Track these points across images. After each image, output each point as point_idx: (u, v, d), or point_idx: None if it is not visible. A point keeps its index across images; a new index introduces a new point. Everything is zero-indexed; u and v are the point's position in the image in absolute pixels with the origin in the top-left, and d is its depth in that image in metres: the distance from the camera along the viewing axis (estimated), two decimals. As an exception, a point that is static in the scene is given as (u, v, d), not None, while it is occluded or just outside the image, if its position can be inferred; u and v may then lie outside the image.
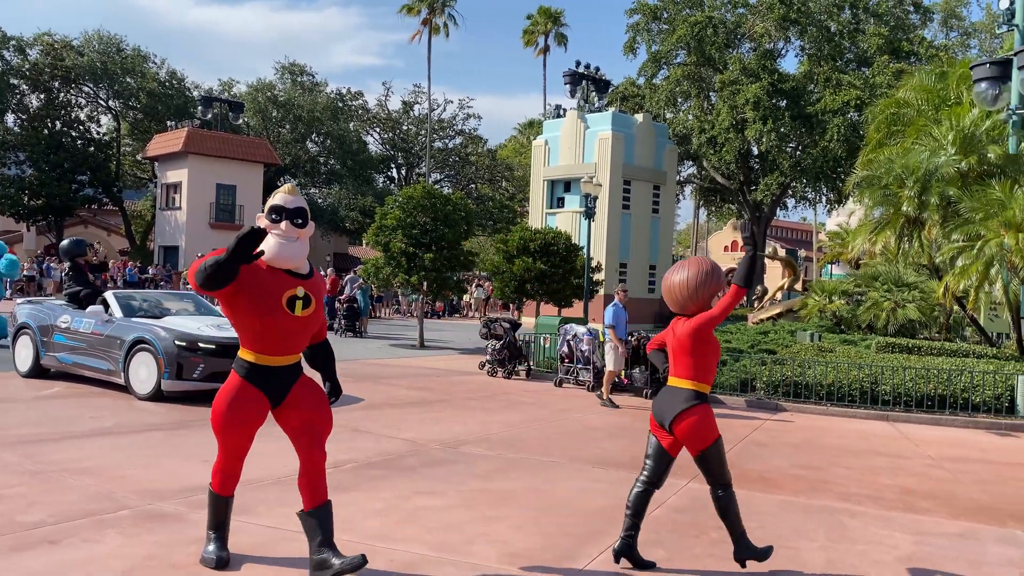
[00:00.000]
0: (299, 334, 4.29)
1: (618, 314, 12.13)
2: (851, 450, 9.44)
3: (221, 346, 10.00)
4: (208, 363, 9.95)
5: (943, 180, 13.52)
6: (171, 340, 9.93)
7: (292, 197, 4.22)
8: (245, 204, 41.34)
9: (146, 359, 10.00)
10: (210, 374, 9.93)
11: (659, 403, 4.89)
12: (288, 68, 52.75)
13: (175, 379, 9.85)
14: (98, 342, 10.66)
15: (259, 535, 5.19)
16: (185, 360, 9.89)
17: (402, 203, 19.01)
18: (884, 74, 32.95)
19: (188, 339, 10.00)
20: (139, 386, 10.09)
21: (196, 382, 9.97)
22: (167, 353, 9.82)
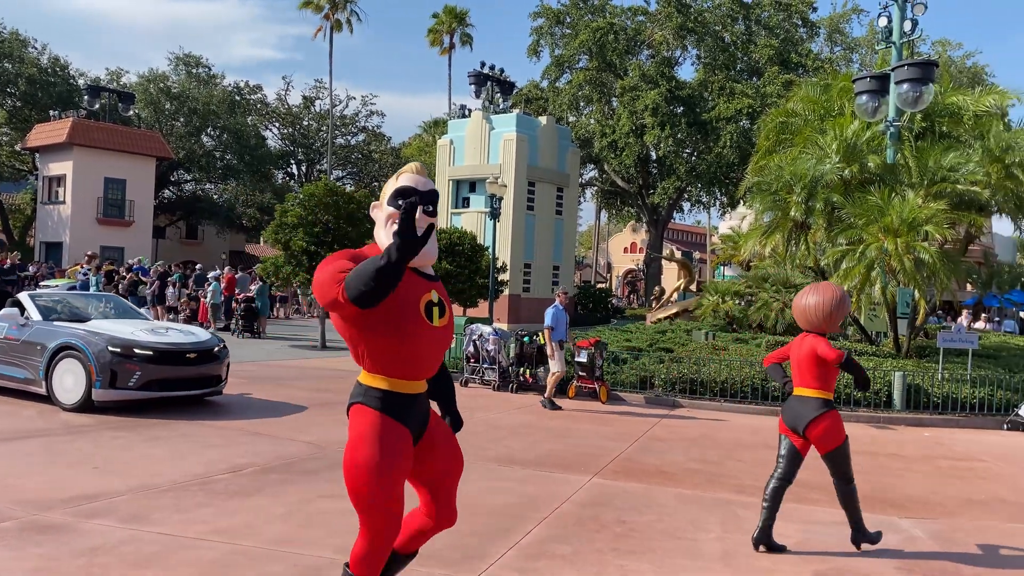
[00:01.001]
0: (438, 350, 3.39)
1: (558, 316, 12.14)
2: (744, 444, 9.85)
3: (159, 352, 9.46)
4: (145, 371, 9.33)
5: (828, 187, 14.26)
6: (104, 346, 9.26)
7: (423, 178, 3.36)
8: (136, 199, 39.55)
9: (73, 366, 9.29)
10: (147, 382, 9.34)
11: (790, 410, 5.64)
12: (182, 59, 50.74)
13: (108, 388, 9.17)
14: (12, 348, 9.81)
15: (155, 544, 4.99)
16: (120, 367, 9.21)
17: (303, 200, 18.63)
18: (774, 84, 34.46)
19: (123, 344, 9.33)
20: (65, 396, 9.33)
21: (132, 391, 9.32)
22: (99, 360, 9.14)
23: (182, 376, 9.72)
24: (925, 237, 13.29)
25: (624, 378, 13.41)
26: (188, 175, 51.48)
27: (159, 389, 9.51)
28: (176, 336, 10.06)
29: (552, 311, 12.20)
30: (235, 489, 6.39)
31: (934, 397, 12.52)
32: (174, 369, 9.60)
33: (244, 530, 5.36)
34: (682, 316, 25.21)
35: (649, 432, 10.35)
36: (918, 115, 14.98)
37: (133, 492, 6.11)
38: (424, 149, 54.20)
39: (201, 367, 9.90)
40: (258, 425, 9.19)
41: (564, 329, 12.25)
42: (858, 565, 5.39)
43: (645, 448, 9.23)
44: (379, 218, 3.33)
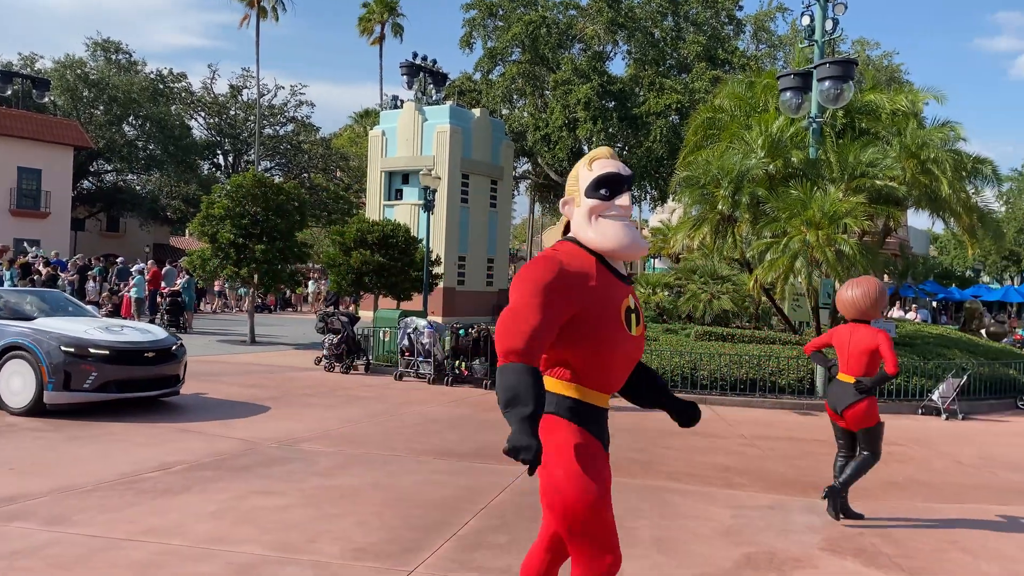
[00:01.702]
0: (632, 362, 3.03)
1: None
2: (675, 432, 10.06)
3: (116, 352, 9.02)
4: (101, 371, 8.89)
5: (753, 181, 14.64)
6: (56, 345, 8.78)
7: (620, 162, 3.04)
8: (52, 190, 37.93)
9: (21, 368, 8.79)
10: (103, 384, 8.90)
11: (832, 394, 6.27)
12: (101, 45, 48.82)
13: (62, 390, 8.72)
14: None
15: (80, 546, 4.83)
16: (74, 368, 8.74)
17: (230, 192, 18.17)
18: (702, 80, 35.15)
19: (77, 344, 8.85)
20: (12, 399, 8.83)
21: (87, 393, 8.87)
22: (51, 360, 8.68)
23: (140, 376, 9.32)
24: (845, 230, 13.80)
25: (558, 369, 13.52)
26: (109, 165, 49.60)
27: (116, 390, 9.10)
28: (133, 334, 9.63)
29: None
30: (164, 487, 6.23)
31: (853, 384, 13.00)
32: (132, 369, 9.20)
33: (174, 529, 5.24)
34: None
35: (583, 422, 10.46)
36: (839, 112, 15.50)
37: (55, 493, 5.90)
38: (355, 140, 53.52)
39: (159, 367, 9.52)
40: (188, 422, 8.96)
41: None
42: (786, 546, 5.59)
43: (579, 438, 9.34)
44: (576, 213, 2.97)
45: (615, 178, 2.96)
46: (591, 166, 3.00)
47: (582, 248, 2.92)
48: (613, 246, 2.90)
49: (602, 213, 2.92)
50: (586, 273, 2.81)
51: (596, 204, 2.93)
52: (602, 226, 2.91)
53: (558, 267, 2.75)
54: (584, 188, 2.98)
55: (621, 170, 2.98)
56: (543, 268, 2.75)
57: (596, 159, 3.01)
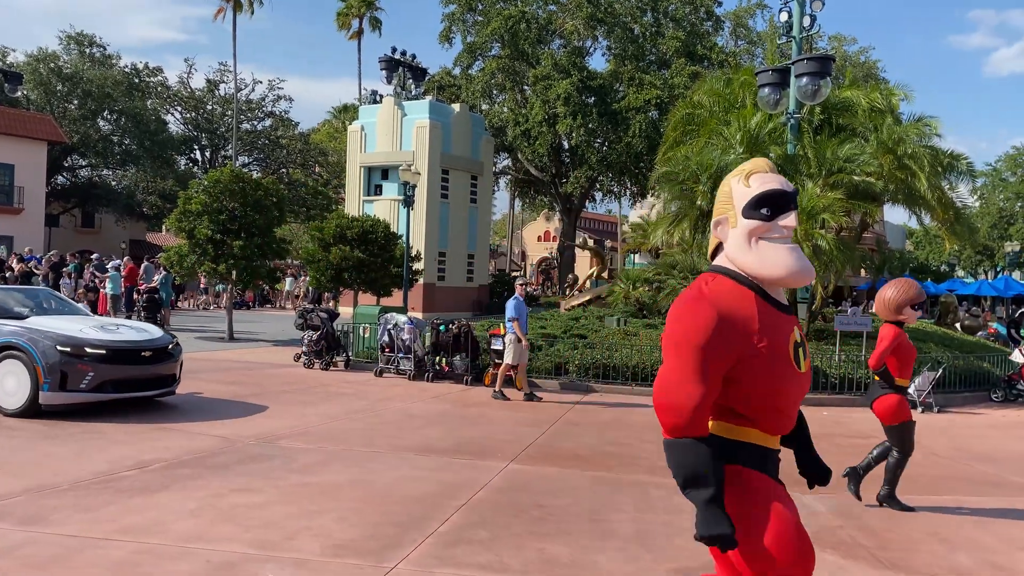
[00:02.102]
0: (800, 399, 2.72)
1: (519, 307, 11.94)
2: (655, 427, 10.05)
3: (113, 351, 8.82)
4: (98, 371, 8.68)
5: (733, 177, 14.73)
6: (52, 345, 8.56)
7: (780, 175, 2.72)
8: (26, 185, 37.39)
9: (15, 368, 8.56)
10: (100, 384, 8.70)
11: (868, 391, 6.87)
12: (74, 38, 48.14)
13: (58, 390, 8.50)
14: None
15: (56, 545, 4.78)
16: (71, 368, 8.53)
17: (208, 187, 18.01)
18: (681, 75, 35.26)
19: (73, 343, 8.64)
20: (6, 400, 8.61)
21: (83, 393, 8.67)
22: (48, 361, 8.46)
23: (137, 376, 9.14)
24: (823, 225, 13.91)
25: (539, 364, 13.55)
26: (83, 160, 48.95)
27: (113, 390, 8.92)
28: (129, 333, 9.43)
29: (514, 303, 11.99)
30: (142, 486, 6.17)
31: (832, 378, 13.14)
32: (129, 369, 9.02)
33: (152, 528, 5.19)
34: (595, 303, 25.63)
35: (564, 417, 10.50)
36: (816, 108, 15.62)
37: (30, 492, 5.82)
38: (334, 135, 53.16)
39: (156, 366, 9.33)
40: (166, 419, 8.88)
41: (525, 320, 12.17)
42: (763, 539, 5.62)
43: (560, 433, 9.37)
44: (732, 236, 2.65)
45: (779, 196, 2.60)
46: (748, 181, 2.66)
47: (735, 279, 2.59)
48: (778, 274, 2.57)
49: (763, 236, 2.59)
50: (746, 315, 2.48)
51: (757, 226, 2.59)
52: (764, 251, 2.58)
53: (713, 317, 2.43)
54: (741, 207, 2.63)
55: (784, 186, 2.64)
56: (696, 321, 2.43)
57: (753, 173, 2.67)
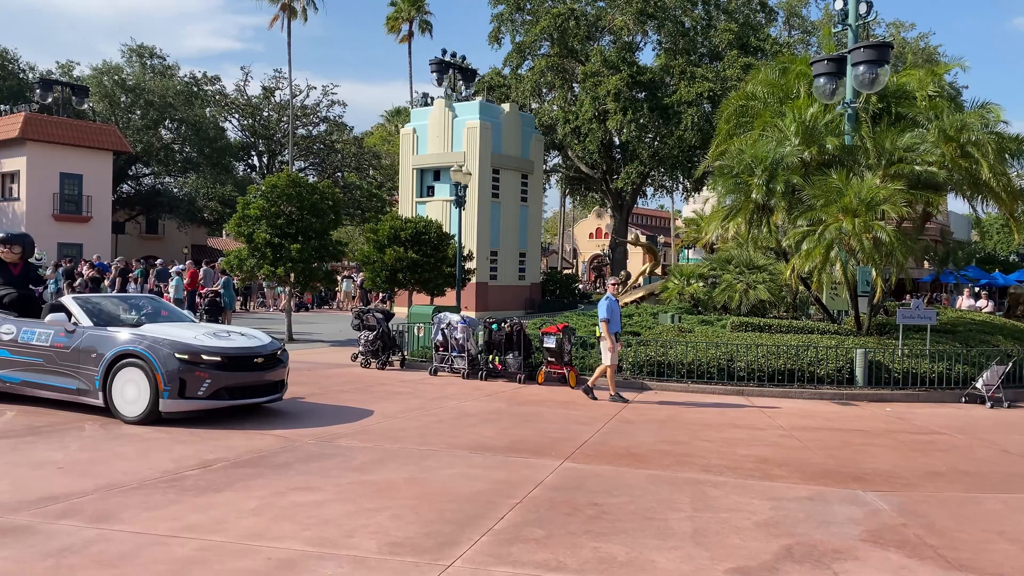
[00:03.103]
0: None
1: (612, 307, 11.63)
2: (711, 424, 10.00)
3: (227, 358, 8.85)
4: (215, 378, 8.69)
5: (788, 169, 14.44)
6: (170, 352, 8.58)
7: None
8: (93, 194, 38.72)
9: (135, 376, 8.59)
10: (216, 391, 8.72)
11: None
12: (136, 50, 49.67)
13: (177, 398, 8.53)
14: (62, 357, 9.02)
15: (124, 543, 4.94)
16: (189, 375, 8.54)
17: (266, 192, 18.39)
18: (734, 68, 34.73)
19: (190, 351, 8.66)
20: (126, 408, 8.62)
21: (201, 400, 8.69)
22: (167, 368, 8.47)
23: (250, 383, 9.16)
24: (882, 216, 13.54)
25: (593, 363, 13.49)
26: (147, 169, 50.49)
27: (228, 397, 8.94)
28: (241, 340, 9.42)
29: (605, 303, 11.66)
30: (205, 485, 6.34)
31: (895, 373, 12.80)
32: (243, 376, 9.05)
33: (215, 526, 5.33)
34: (648, 299, 25.42)
35: (618, 415, 10.44)
36: (874, 97, 15.21)
37: (101, 491, 6.03)
38: (387, 139, 53.87)
39: (267, 372, 9.35)
40: (227, 419, 9.09)
41: (618, 320, 11.87)
42: (827, 538, 5.52)
43: (614, 431, 9.32)
44: None
45: None
46: None
47: None
48: None
49: None
50: None
51: None
52: None
53: None
54: None
55: None
56: None
57: None
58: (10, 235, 10.78)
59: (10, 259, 10.51)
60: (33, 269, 11.07)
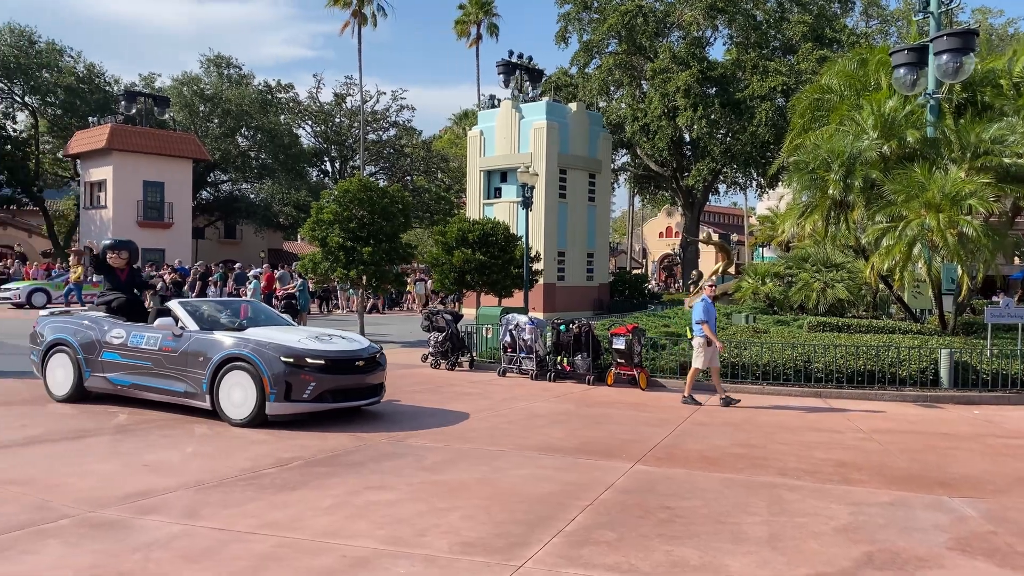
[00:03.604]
0: None
1: (708, 309, 11.47)
2: (787, 427, 9.75)
3: (331, 361, 8.92)
4: (319, 381, 8.76)
5: (866, 164, 13.99)
6: (276, 356, 8.64)
7: None
8: (175, 201, 40.22)
9: (241, 379, 8.69)
10: (320, 394, 8.80)
11: None
12: (214, 61, 51.38)
13: (283, 401, 8.61)
14: (170, 360, 9.18)
15: (207, 538, 5.10)
16: (294, 379, 8.61)
17: (338, 197, 18.79)
18: (809, 60, 33.85)
19: (294, 354, 8.72)
20: (233, 411, 8.73)
21: (306, 403, 8.77)
22: (273, 372, 8.55)
23: (352, 385, 9.21)
24: (968, 211, 12.97)
25: (663, 364, 13.33)
26: (224, 176, 52.20)
27: (332, 400, 9.02)
28: (342, 343, 9.45)
29: (702, 304, 11.48)
30: (282, 483, 6.50)
31: (983, 374, 12.26)
32: (345, 379, 9.09)
33: (291, 523, 5.46)
34: (721, 299, 24.98)
35: (690, 418, 10.29)
36: (957, 87, 14.61)
37: (184, 488, 6.24)
38: (455, 141, 54.33)
39: (368, 375, 9.40)
40: (302, 418, 9.29)
41: (714, 322, 11.66)
42: (910, 546, 5.31)
43: (686, 434, 9.19)
44: None
45: None
46: None
47: None
48: None
49: None
50: None
51: None
52: None
53: None
54: None
55: None
56: None
57: None
58: (118, 241, 11.12)
59: (118, 264, 10.76)
60: (138, 274, 11.40)
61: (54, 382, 10.10)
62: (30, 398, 10.24)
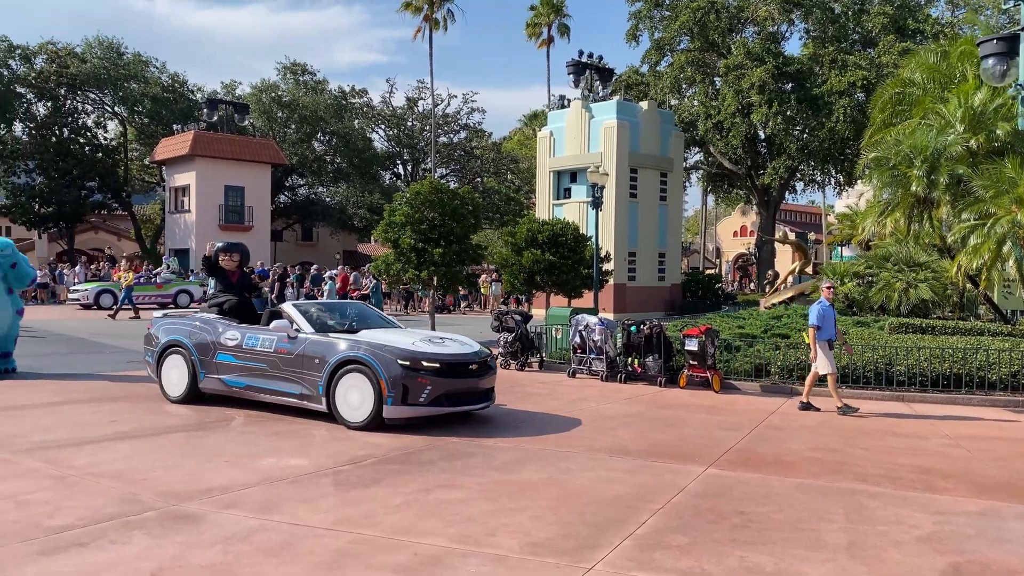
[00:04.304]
0: None
1: (825, 312, 10.77)
2: (867, 431, 9.44)
3: (446, 364, 8.78)
4: (435, 385, 8.63)
5: (952, 159, 13.44)
6: (393, 359, 8.56)
7: None
8: (254, 205, 41.47)
9: (358, 381, 8.62)
10: (436, 397, 8.67)
11: None
12: (290, 68, 52.80)
13: (400, 404, 8.51)
14: (285, 362, 9.17)
15: (283, 533, 5.24)
16: (411, 382, 8.51)
17: (410, 199, 19.04)
18: (890, 53, 32.73)
19: (411, 357, 8.62)
20: (350, 413, 8.68)
21: (422, 407, 8.65)
22: (390, 375, 8.46)
23: (466, 389, 9.06)
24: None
25: (738, 366, 13.07)
26: (301, 180, 53.59)
27: (447, 404, 8.88)
28: (455, 347, 9.31)
29: (818, 308, 10.80)
30: (355, 480, 6.62)
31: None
32: (459, 382, 8.94)
33: (365, 520, 5.56)
34: (798, 300, 24.39)
35: (765, 421, 10.06)
36: (1053, 76, 13.88)
37: (262, 484, 6.43)
38: (524, 142, 54.47)
39: (481, 379, 9.23)
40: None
41: (833, 327, 10.94)
42: (1002, 558, 5.08)
43: (761, 437, 8.98)
44: None
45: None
46: None
47: None
48: None
49: None
50: None
51: None
52: None
53: None
54: None
55: None
56: None
57: None
58: (229, 244, 11.18)
59: (230, 267, 10.84)
60: (248, 276, 11.42)
61: (168, 383, 10.23)
62: (122, 395, 10.70)
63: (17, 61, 44.17)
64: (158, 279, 30.44)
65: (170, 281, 30.63)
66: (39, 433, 8.15)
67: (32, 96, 44.93)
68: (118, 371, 13.01)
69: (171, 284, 30.49)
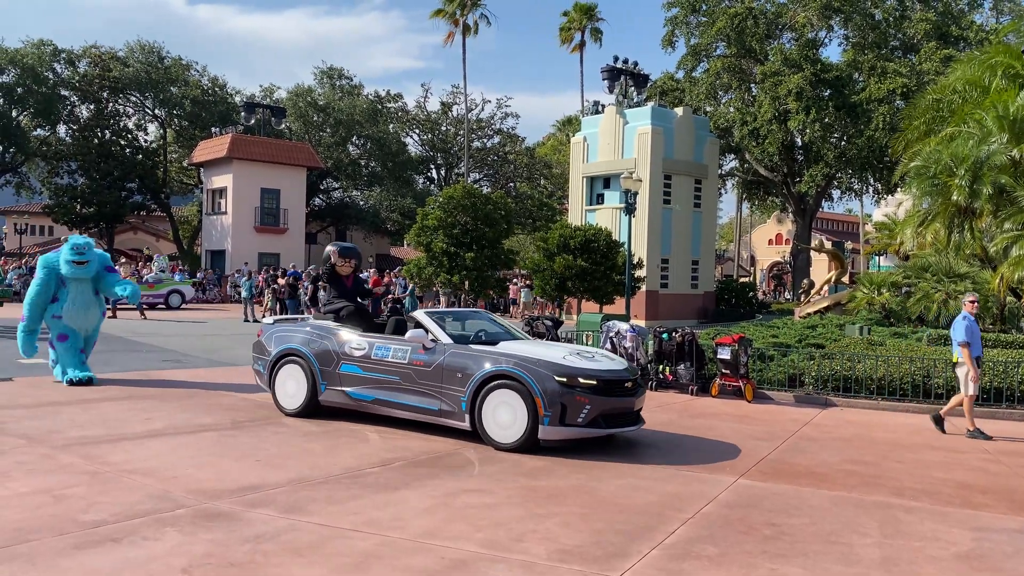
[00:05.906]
0: None
1: (971, 328, 9.86)
2: (903, 444, 9.26)
3: (603, 382, 8.03)
4: (593, 404, 7.89)
5: (995, 168, 13.16)
6: (549, 374, 7.86)
7: None
8: (289, 208, 41.91)
9: (509, 398, 7.93)
10: (594, 418, 7.94)
11: None
12: (327, 72, 53.37)
13: (558, 424, 7.81)
14: (421, 375, 8.50)
15: (311, 533, 5.27)
16: (569, 400, 7.79)
17: (443, 203, 19.17)
18: (932, 60, 32.17)
19: (567, 373, 7.90)
20: (499, 433, 7.99)
21: (579, 428, 7.92)
22: (546, 391, 7.77)
23: (621, 409, 8.29)
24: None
25: (771, 376, 12.91)
26: (336, 183, 54.09)
27: (604, 426, 8.14)
28: (607, 363, 8.59)
29: (963, 323, 9.83)
30: (384, 482, 6.64)
31: None
32: (616, 401, 8.18)
33: (392, 522, 5.56)
34: (834, 310, 24.02)
35: (799, 432, 9.91)
36: (1101, 83, 13.58)
37: (292, 484, 6.47)
38: (558, 148, 54.46)
39: (635, 398, 8.47)
40: (406, 422, 9.45)
41: (979, 343, 10.06)
42: (1039, 578, 4.94)
43: (795, 448, 8.85)
44: None
45: None
46: None
47: None
48: None
49: None
50: None
51: None
52: None
53: None
54: None
55: None
56: None
57: None
58: (344, 248, 10.36)
59: (346, 272, 10.19)
60: (362, 282, 10.67)
61: (284, 394, 9.53)
62: (157, 394, 10.84)
63: (62, 65, 45.25)
64: (149, 278, 29.70)
65: (160, 281, 29.97)
66: (76, 429, 8.29)
67: (76, 99, 45.98)
68: (153, 369, 13.22)
69: (162, 284, 29.76)
